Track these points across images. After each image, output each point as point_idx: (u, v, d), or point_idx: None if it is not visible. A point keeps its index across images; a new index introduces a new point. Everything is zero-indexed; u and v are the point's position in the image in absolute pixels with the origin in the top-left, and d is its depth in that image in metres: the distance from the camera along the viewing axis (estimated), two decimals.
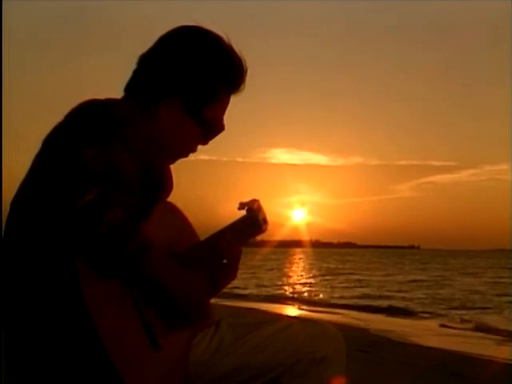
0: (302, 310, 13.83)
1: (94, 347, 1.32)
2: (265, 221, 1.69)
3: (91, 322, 1.32)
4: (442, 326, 11.22)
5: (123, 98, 1.63)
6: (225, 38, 1.67)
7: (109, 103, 1.53)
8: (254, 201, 1.68)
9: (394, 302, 16.16)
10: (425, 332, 10.12)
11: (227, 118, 1.71)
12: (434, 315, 13.16)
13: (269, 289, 21.45)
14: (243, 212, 1.67)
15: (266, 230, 1.70)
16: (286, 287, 22.75)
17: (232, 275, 1.65)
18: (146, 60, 1.64)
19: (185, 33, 1.65)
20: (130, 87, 1.64)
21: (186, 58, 1.61)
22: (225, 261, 1.64)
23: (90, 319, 1.32)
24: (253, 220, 1.67)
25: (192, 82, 1.61)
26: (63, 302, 1.34)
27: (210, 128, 1.67)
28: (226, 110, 1.71)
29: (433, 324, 11.54)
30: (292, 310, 13.70)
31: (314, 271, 37.05)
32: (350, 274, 32.55)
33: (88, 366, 1.34)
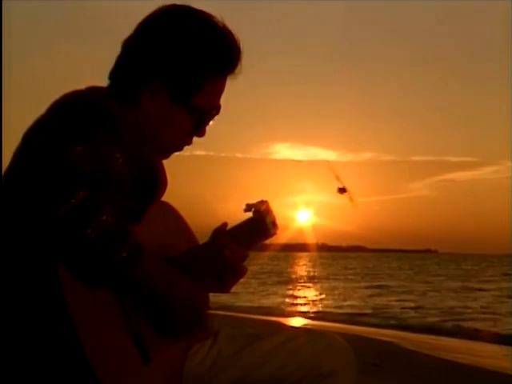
0: (307, 321, 13.84)
1: (77, 360, 1.33)
2: (274, 224, 1.69)
3: (74, 333, 1.33)
4: (454, 337, 11.33)
5: (108, 87, 1.63)
6: (216, 17, 1.64)
7: (97, 96, 1.52)
8: (262, 202, 1.68)
9: (404, 313, 16.26)
10: (436, 343, 10.19)
11: (226, 111, 1.70)
12: (445, 326, 13.25)
13: (270, 297, 21.45)
14: (250, 214, 1.67)
15: (275, 234, 1.71)
16: (288, 297, 22.73)
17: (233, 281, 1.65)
18: (127, 44, 1.63)
19: (168, 11, 1.64)
20: (113, 74, 1.63)
21: (167, 36, 1.59)
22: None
23: (73, 330, 1.33)
24: (260, 223, 1.67)
25: (174, 62, 1.58)
26: (45, 311, 1.35)
27: (201, 116, 1.64)
28: (221, 94, 1.67)
29: (444, 335, 11.63)
30: (296, 321, 13.70)
31: (318, 278, 37.04)
32: (355, 282, 32.58)
33: (70, 380, 1.34)
